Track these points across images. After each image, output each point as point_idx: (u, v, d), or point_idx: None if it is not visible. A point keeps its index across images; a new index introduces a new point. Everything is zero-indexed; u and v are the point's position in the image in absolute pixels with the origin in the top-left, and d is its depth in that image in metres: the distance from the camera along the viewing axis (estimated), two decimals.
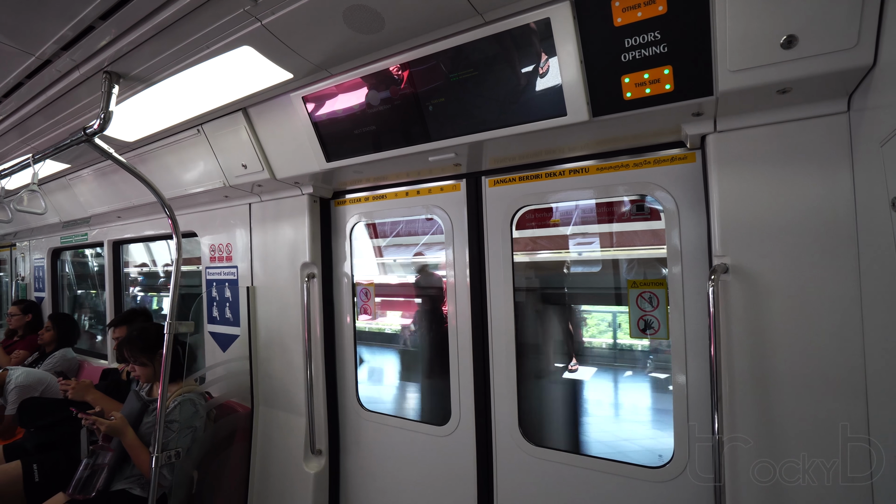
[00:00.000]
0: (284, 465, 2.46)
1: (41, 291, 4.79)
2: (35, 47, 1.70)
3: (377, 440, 2.42)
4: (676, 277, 1.71)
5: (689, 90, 1.36)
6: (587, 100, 1.49)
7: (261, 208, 2.64)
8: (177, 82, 1.87)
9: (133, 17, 1.51)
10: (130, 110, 2.11)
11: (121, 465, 2.26)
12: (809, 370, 1.37)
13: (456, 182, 2.18)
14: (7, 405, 2.96)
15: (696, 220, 1.68)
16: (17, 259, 5.32)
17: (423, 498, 2.26)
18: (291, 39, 1.56)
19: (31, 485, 2.39)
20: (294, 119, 2.03)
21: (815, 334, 1.36)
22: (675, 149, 1.72)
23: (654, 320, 1.80)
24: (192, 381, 2.57)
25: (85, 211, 3.65)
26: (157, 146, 2.56)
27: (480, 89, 1.63)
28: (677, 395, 1.70)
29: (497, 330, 2.05)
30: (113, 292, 3.97)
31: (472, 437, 2.12)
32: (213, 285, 2.88)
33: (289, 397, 2.51)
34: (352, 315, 2.52)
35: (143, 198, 2.96)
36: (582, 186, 1.91)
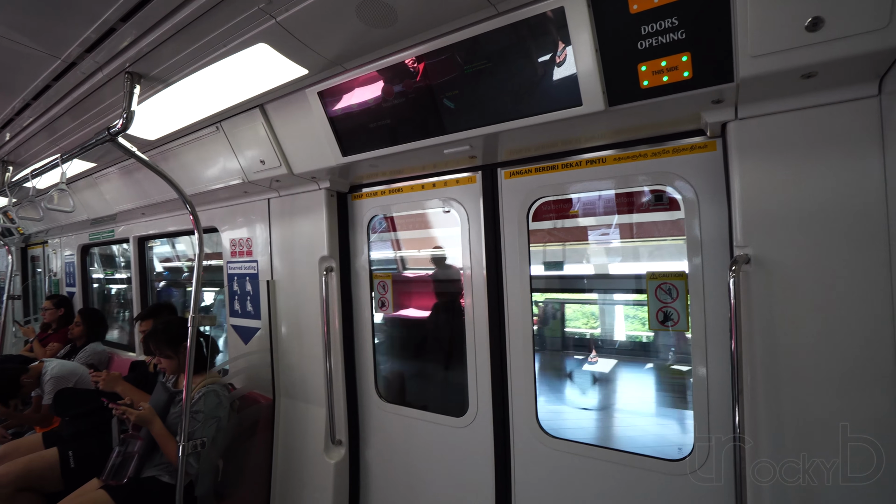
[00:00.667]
0: (306, 454, 2.52)
1: (72, 287, 4.97)
2: (60, 50, 1.76)
3: (396, 431, 2.46)
4: (697, 268, 1.68)
5: (708, 77, 1.33)
6: (603, 89, 1.47)
7: (279, 203, 2.68)
8: (195, 81, 1.90)
9: (152, 18, 1.54)
10: (152, 109, 2.16)
11: (150, 453, 2.34)
12: (836, 365, 1.33)
13: (471, 174, 2.18)
14: (44, 395, 3.09)
15: (716, 210, 1.64)
16: (49, 255, 5.52)
17: (442, 488, 2.29)
18: (305, 35, 1.57)
19: (68, 470, 2.50)
20: (310, 114, 2.05)
21: (843, 328, 1.32)
22: (695, 137, 1.68)
23: (674, 312, 1.78)
24: (216, 372, 2.65)
25: (111, 208, 3.76)
26: (178, 144, 2.61)
27: (494, 80, 1.61)
28: (697, 388, 1.67)
29: (514, 321, 2.05)
30: (139, 287, 4.10)
31: (489, 429, 2.13)
32: (235, 279, 2.95)
33: (309, 388, 2.56)
34: (370, 308, 2.55)
35: (166, 195, 3.03)
36: (599, 177, 1.88)
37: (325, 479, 2.42)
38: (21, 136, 2.71)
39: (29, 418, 3.15)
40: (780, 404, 1.41)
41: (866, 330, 1.30)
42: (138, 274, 4.08)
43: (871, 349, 1.29)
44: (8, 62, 1.85)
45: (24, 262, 6.23)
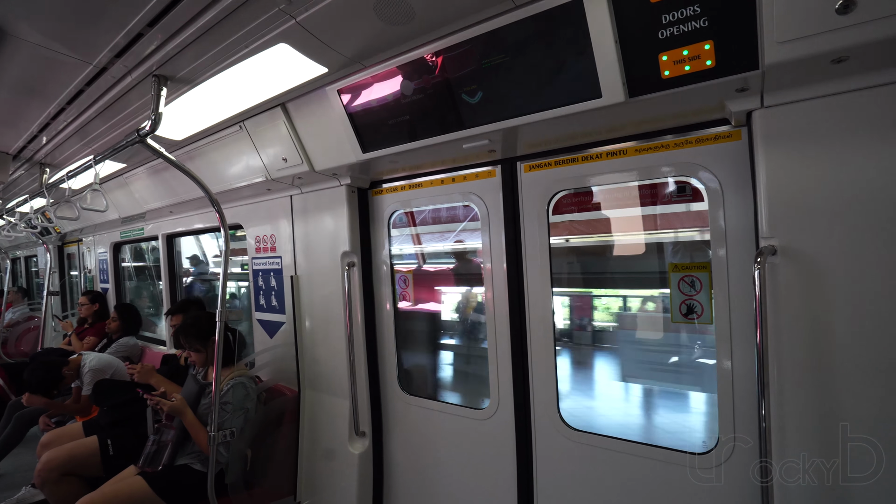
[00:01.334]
0: (330, 445, 2.58)
1: (105, 283, 5.17)
2: (92, 56, 1.82)
3: (418, 423, 2.49)
4: (721, 260, 1.65)
5: (732, 65, 1.30)
6: (623, 80, 1.45)
7: (301, 200, 2.73)
8: (219, 82, 1.95)
9: (177, 23, 1.59)
10: (178, 111, 2.22)
11: (182, 442, 2.44)
12: (866, 360, 1.30)
13: (491, 168, 2.18)
14: (83, 386, 3.25)
15: (741, 201, 1.61)
16: (83, 253, 5.74)
17: (464, 479, 2.32)
18: (325, 34, 1.60)
19: (107, 457, 2.62)
20: (330, 112, 2.08)
21: (875, 322, 1.28)
22: (719, 127, 1.65)
23: (697, 304, 1.75)
24: (243, 365, 2.73)
25: (140, 207, 3.88)
26: (203, 143, 2.68)
27: (513, 74, 1.61)
28: (722, 382, 1.65)
29: (535, 315, 2.05)
30: (168, 282, 4.24)
31: (511, 421, 2.15)
32: (259, 275, 3.02)
33: (333, 381, 2.62)
34: (391, 302, 2.58)
35: (193, 193, 3.12)
36: (620, 169, 1.86)
37: (349, 470, 2.48)
38: (56, 139, 2.82)
39: (70, 408, 3.31)
40: (808, 400, 1.38)
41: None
42: (167, 270, 4.22)
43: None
44: (45, 69, 1.93)
45: (61, 260, 6.50)
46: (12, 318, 6.08)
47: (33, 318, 6.13)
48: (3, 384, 4.29)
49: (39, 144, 2.97)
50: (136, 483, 2.24)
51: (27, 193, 4.17)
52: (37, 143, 2.97)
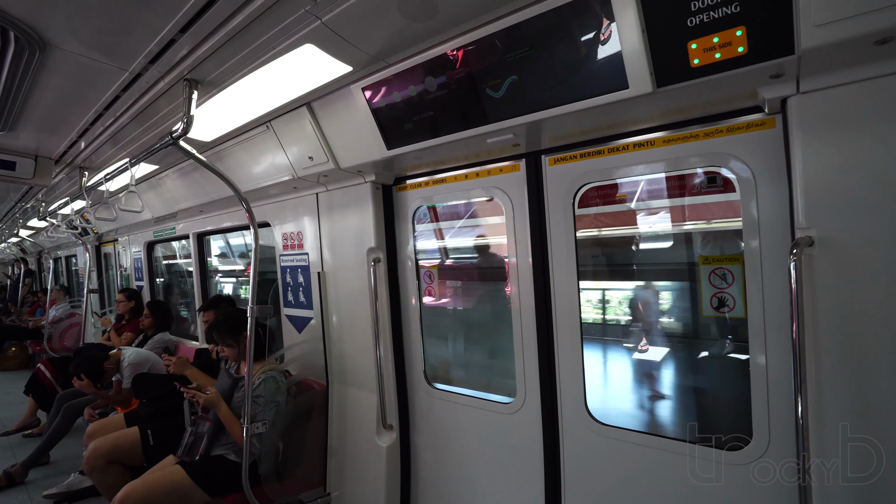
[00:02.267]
0: (359, 438, 2.63)
1: (140, 281, 5.37)
2: (128, 63, 1.89)
3: (445, 416, 2.52)
4: (754, 252, 1.61)
5: (766, 51, 1.26)
6: (650, 70, 1.42)
7: (327, 197, 2.77)
8: (247, 84, 1.99)
9: (207, 28, 1.63)
10: (207, 113, 2.28)
11: (218, 434, 2.53)
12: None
13: (515, 162, 2.17)
14: (123, 380, 3.40)
15: (775, 191, 1.56)
16: (119, 252, 5.98)
17: (491, 473, 2.33)
18: (349, 33, 1.61)
19: (148, 447, 2.74)
20: (354, 110, 2.10)
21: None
22: (751, 115, 1.60)
23: (729, 297, 1.72)
24: (274, 360, 2.81)
25: (172, 207, 4.01)
26: (232, 144, 2.75)
27: (537, 67, 1.60)
28: (756, 377, 1.61)
29: (561, 309, 2.04)
30: (200, 279, 4.37)
31: (537, 415, 2.15)
32: (287, 271, 3.09)
33: (360, 375, 2.66)
34: (417, 297, 2.61)
35: (222, 192, 3.20)
36: (648, 160, 1.83)
37: (377, 462, 2.53)
38: (94, 143, 2.94)
39: (112, 399, 3.48)
40: (847, 397, 1.33)
41: None
42: (198, 268, 4.35)
43: None
44: (84, 78, 2.02)
45: (99, 259, 6.78)
46: (56, 315, 6.40)
47: (75, 315, 6.44)
48: (50, 377, 4.52)
49: (79, 149, 3.10)
50: (176, 472, 2.34)
51: (68, 196, 4.36)
52: (76, 148, 3.10)
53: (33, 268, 10.91)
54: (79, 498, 3.24)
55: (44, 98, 2.28)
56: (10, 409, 5.20)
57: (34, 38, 1.69)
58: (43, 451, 3.67)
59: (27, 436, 4.44)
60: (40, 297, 8.55)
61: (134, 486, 2.24)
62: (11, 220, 7.03)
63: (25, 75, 1.96)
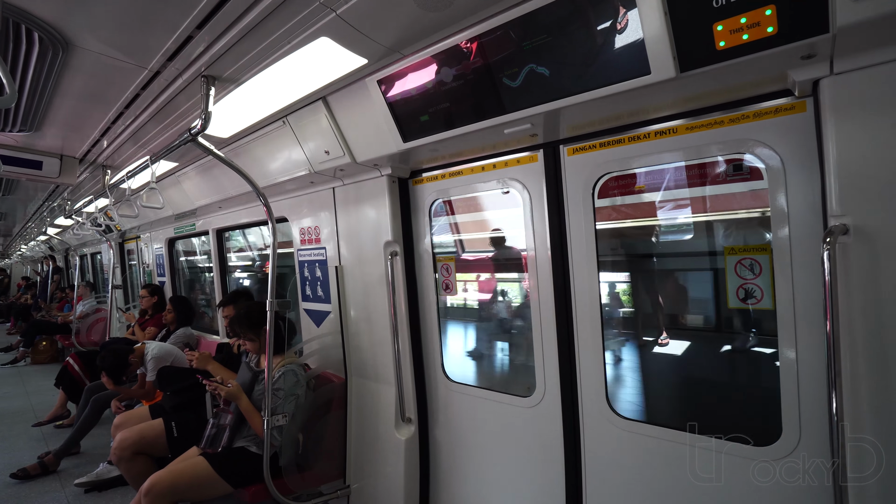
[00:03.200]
0: (377, 431, 2.65)
1: (162, 276, 5.49)
2: (146, 61, 1.92)
3: (463, 410, 2.51)
4: (783, 241, 1.55)
5: (797, 30, 1.20)
6: (673, 54, 1.37)
7: (344, 192, 2.78)
8: (263, 79, 2.00)
9: (224, 24, 1.64)
10: (225, 109, 2.30)
11: (239, 426, 2.57)
12: None
13: (533, 153, 2.13)
14: (147, 373, 3.48)
15: (806, 177, 1.50)
16: (141, 249, 6.12)
17: (511, 466, 2.32)
18: (364, 25, 1.60)
19: (172, 438, 2.81)
20: (370, 103, 2.09)
21: None
22: (780, 99, 1.54)
23: (756, 288, 1.66)
24: (293, 353, 2.83)
25: (192, 203, 4.07)
26: (249, 139, 2.77)
27: (554, 55, 1.56)
28: (786, 371, 1.56)
29: (581, 302, 2.01)
30: (220, 274, 4.44)
31: (557, 409, 2.12)
32: (305, 266, 3.11)
33: (378, 369, 2.67)
34: (434, 290, 2.60)
35: (240, 188, 3.23)
36: (670, 149, 1.78)
37: (396, 455, 2.54)
38: (116, 142, 3.00)
39: (136, 393, 3.56)
40: (884, 393, 1.28)
41: None
42: (218, 263, 4.42)
43: None
44: (106, 76, 2.05)
45: (122, 256, 6.95)
46: (83, 311, 6.58)
47: (100, 311, 6.62)
48: (79, 370, 4.67)
49: (101, 148, 3.17)
50: (200, 463, 2.38)
51: (92, 194, 4.47)
52: (99, 147, 3.17)
53: (61, 265, 11.26)
54: (108, 486, 3.34)
55: (67, 98, 2.33)
56: (42, 401, 5.39)
57: (57, 39, 1.72)
58: (73, 441, 3.79)
59: (59, 426, 4.60)
60: (68, 293, 8.82)
61: (160, 476, 2.30)
62: (40, 219, 7.25)
63: (50, 75, 2.00)
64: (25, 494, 3.32)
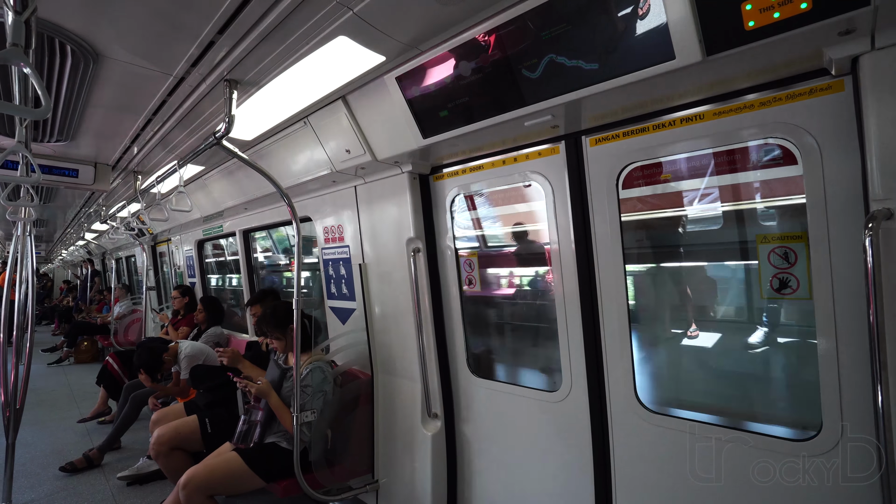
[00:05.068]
0: (404, 426, 2.67)
1: (192, 277, 5.65)
2: (171, 68, 1.97)
3: (489, 405, 2.50)
4: (821, 228, 1.49)
5: (834, 5, 1.14)
6: (699, 37, 1.32)
7: (365, 190, 2.80)
8: (283, 81, 2.03)
9: (244, 27, 1.67)
10: (247, 112, 2.34)
11: (269, 422, 2.63)
12: None
13: (554, 145, 2.10)
14: (181, 371, 3.60)
15: (844, 160, 1.43)
16: (172, 251, 6.32)
17: (538, 462, 2.31)
18: (381, 22, 1.60)
19: (206, 434, 2.90)
20: (389, 100, 2.09)
21: None
22: (815, 79, 1.47)
23: (792, 278, 1.60)
24: (320, 350, 2.88)
25: (219, 206, 4.18)
26: (271, 141, 2.81)
27: (575, 44, 1.53)
28: (825, 363, 1.50)
29: (607, 294, 1.97)
30: (247, 274, 4.55)
31: (585, 404, 2.10)
32: (329, 264, 3.16)
33: (404, 365, 2.69)
34: (457, 285, 2.60)
35: (264, 189, 3.29)
36: (697, 136, 1.72)
37: (423, 450, 2.56)
38: (145, 148, 3.10)
39: (171, 390, 3.69)
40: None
41: None
42: (245, 263, 4.52)
43: None
44: (134, 85, 2.12)
45: (155, 258, 7.19)
46: (119, 312, 6.85)
47: (136, 311, 6.87)
48: (118, 369, 4.87)
49: (132, 154, 3.27)
50: (233, 458, 2.45)
51: (124, 200, 4.63)
52: (129, 154, 3.28)
53: (98, 268, 11.74)
54: (148, 480, 3.48)
55: (99, 107, 2.42)
56: (85, 398, 5.65)
57: (88, 51, 1.78)
58: (115, 437, 3.95)
59: (101, 422, 4.81)
60: (106, 294, 9.19)
61: (196, 470, 2.37)
62: (77, 225, 7.57)
63: (82, 87, 2.08)
64: (74, 486, 3.49)
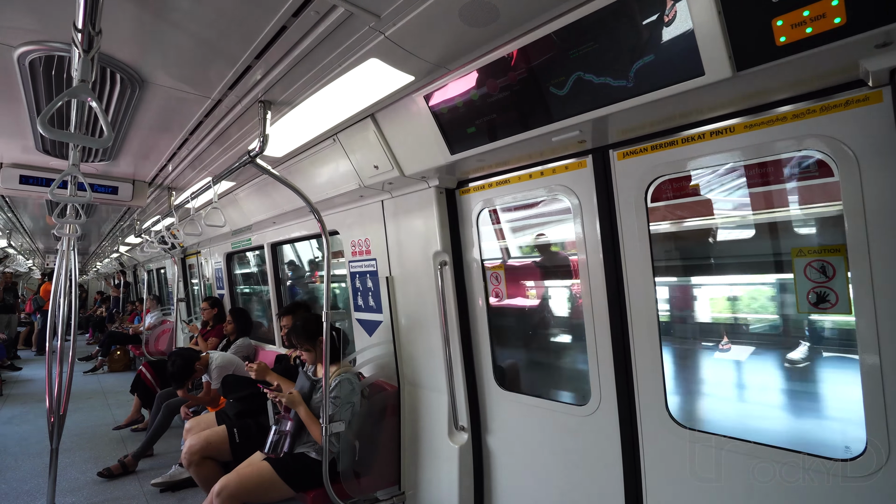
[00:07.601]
0: (431, 438, 2.68)
1: (221, 289, 5.80)
2: (209, 91, 2.06)
3: (516, 418, 2.49)
4: (860, 241, 1.46)
5: (869, 18, 1.13)
6: (729, 54, 1.33)
7: (392, 204, 2.85)
8: (315, 101, 2.09)
9: (279, 53, 1.74)
10: (280, 130, 2.42)
11: (299, 433, 2.68)
12: None
13: (581, 159, 2.10)
14: (212, 381, 3.69)
15: (883, 172, 1.40)
16: (202, 264, 6.50)
17: (566, 477, 2.28)
18: (412, 45, 1.65)
19: (234, 444, 2.96)
20: (417, 118, 2.14)
21: None
22: (850, 90, 1.45)
23: (830, 292, 1.56)
24: (348, 362, 2.93)
25: (248, 220, 4.30)
26: (301, 158, 2.90)
27: (602, 61, 1.55)
28: (868, 380, 1.46)
29: (636, 308, 1.96)
30: (275, 285, 4.65)
31: (614, 418, 2.07)
32: (357, 277, 3.21)
33: (431, 377, 2.71)
34: (484, 298, 2.61)
35: (293, 204, 3.38)
36: (727, 149, 1.71)
37: (450, 463, 2.56)
38: (180, 166, 3.22)
39: (202, 399, 3.79)
40: None
41: None
42: (273, 275, 4.63)
43: None
44: (174, 107, 2.22)
45: (184, 270, 7.41)
46: (151, 322, 7.07)
47: (166, 322, 7.08)
48: (151, 378, 5.02)
49: (167, 172, 3.41)
50: (264, 468, 2.50)
51: (158, 215, 4.81)
52: (165, 171, 3.42)
53: (130, 280, 12.15)
54: (181, 487, 3.57)
55: (140, 129, 2.54)
56: (119, 407, 5.84)
57: (135, 77, 1.88)
58: (148, 444, 4.07)
59: (135, 430, 4.96)
60: (137, 305, 9.50)
61: (228, 478, 2.43)
62: (112, 238, 7.87)
63: (128, 110, 2.20)
64: (111, 492, 3.60)
